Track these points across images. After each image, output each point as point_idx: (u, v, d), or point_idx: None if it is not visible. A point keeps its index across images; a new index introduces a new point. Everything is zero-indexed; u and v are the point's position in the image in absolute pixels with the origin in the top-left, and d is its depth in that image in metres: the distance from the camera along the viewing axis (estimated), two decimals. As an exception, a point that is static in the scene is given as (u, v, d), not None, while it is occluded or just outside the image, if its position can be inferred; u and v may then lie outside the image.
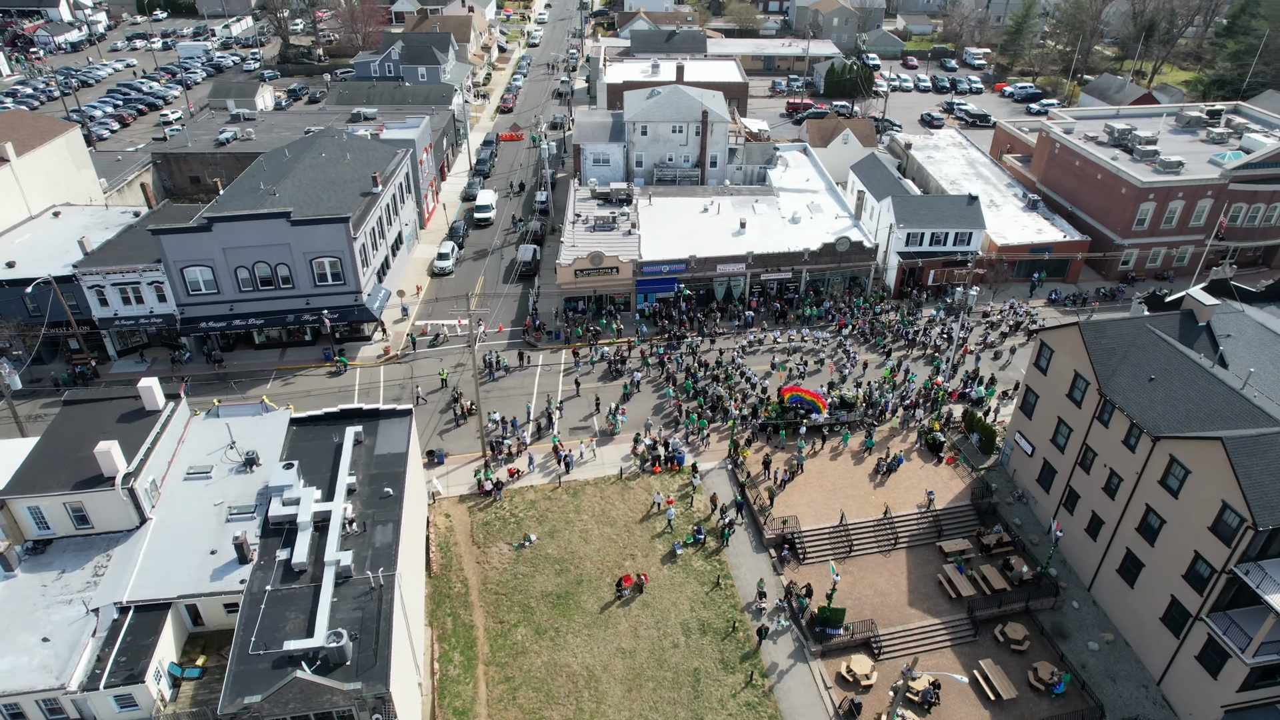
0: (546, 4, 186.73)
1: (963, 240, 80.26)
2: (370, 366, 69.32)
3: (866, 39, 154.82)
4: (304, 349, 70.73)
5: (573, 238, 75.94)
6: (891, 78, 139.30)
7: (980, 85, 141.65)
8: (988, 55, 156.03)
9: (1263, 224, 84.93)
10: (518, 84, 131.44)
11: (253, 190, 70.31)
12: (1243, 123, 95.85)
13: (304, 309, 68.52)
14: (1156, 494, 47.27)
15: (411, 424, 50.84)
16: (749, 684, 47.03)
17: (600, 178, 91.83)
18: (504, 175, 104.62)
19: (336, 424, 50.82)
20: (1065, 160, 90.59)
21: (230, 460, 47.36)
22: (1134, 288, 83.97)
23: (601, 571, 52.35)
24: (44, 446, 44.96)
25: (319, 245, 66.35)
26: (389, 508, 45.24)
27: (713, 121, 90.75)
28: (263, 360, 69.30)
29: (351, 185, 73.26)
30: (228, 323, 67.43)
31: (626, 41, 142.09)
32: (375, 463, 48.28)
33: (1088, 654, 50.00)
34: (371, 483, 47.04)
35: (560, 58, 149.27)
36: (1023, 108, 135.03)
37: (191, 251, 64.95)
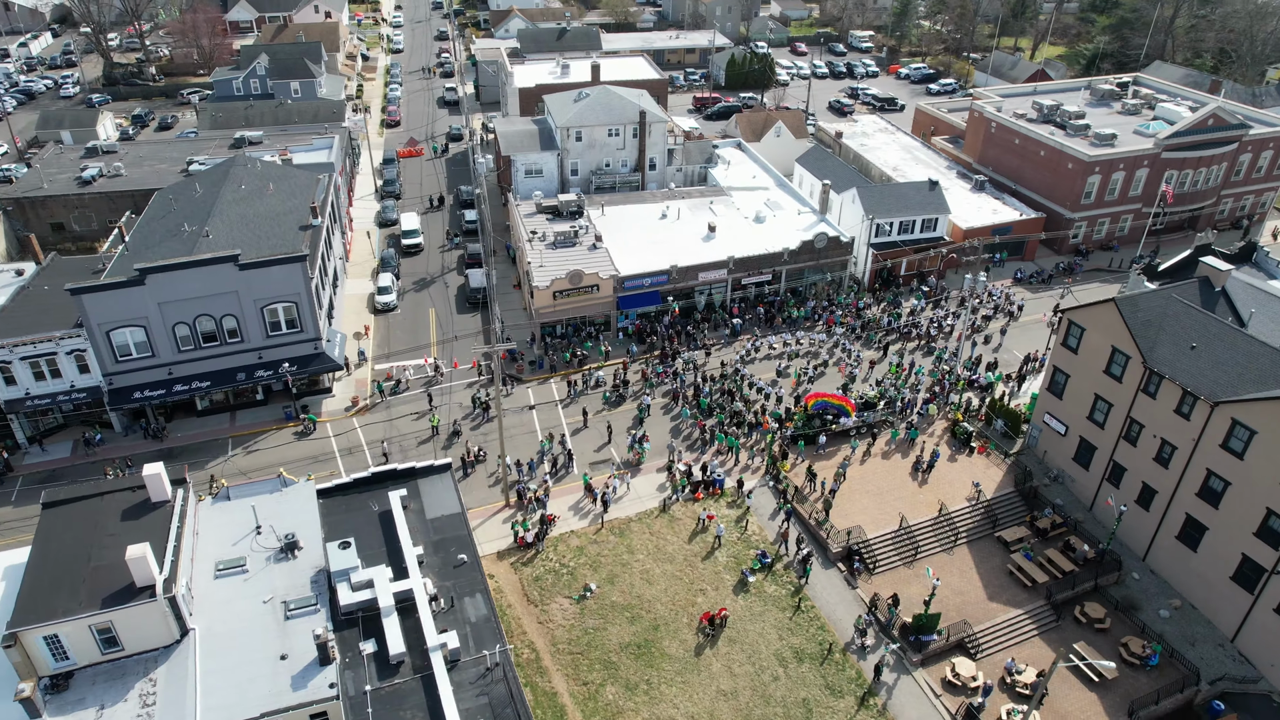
0: (397, 6, 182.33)
1: (929, 227, 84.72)
2: (341, 420, 65.61)
3: (751, 27, 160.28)
4: (257, 410, 66.16)
5: (540, 257, 74.75)
6: (789, 65, 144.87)
7: (876, 69, 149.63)
8: (874, 38, 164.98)
9: (1190, 189, 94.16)
10: (396, 94, 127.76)
11: (173, 233, 65.22)
12: (1150, 93, 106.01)
13: (257, 364, 64.17)
14: (1219, 457, 51.61)
15: (455, 479, 48.71)
16: (862, 705, 47.84)
17: (534, 190, 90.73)
18: (414, 194, 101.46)
19: (370, 489, 48.13)
20: (1003, 139, 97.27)
21: (262, 547, 43.82)
22: (1088, 260, 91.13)
23: (675, 612, 51.92)
24: (40, 560, 40.09)
25: (272, 290, 62.36)
26: (469, 576, 43.27)
27: (651, 122, 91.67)
28: (211, 428, 64.30)
29: (286, 218, 69.25)
30: (167, 390, 62.21)
31: (505, 42, 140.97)
32: (432, 528, 46.05)
33: (1162, 622, 53.98)
34: (436, 550, 44.83)
35: (433, 63, 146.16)
36: (921, 89, 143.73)
37: (119, 310, 59.52)
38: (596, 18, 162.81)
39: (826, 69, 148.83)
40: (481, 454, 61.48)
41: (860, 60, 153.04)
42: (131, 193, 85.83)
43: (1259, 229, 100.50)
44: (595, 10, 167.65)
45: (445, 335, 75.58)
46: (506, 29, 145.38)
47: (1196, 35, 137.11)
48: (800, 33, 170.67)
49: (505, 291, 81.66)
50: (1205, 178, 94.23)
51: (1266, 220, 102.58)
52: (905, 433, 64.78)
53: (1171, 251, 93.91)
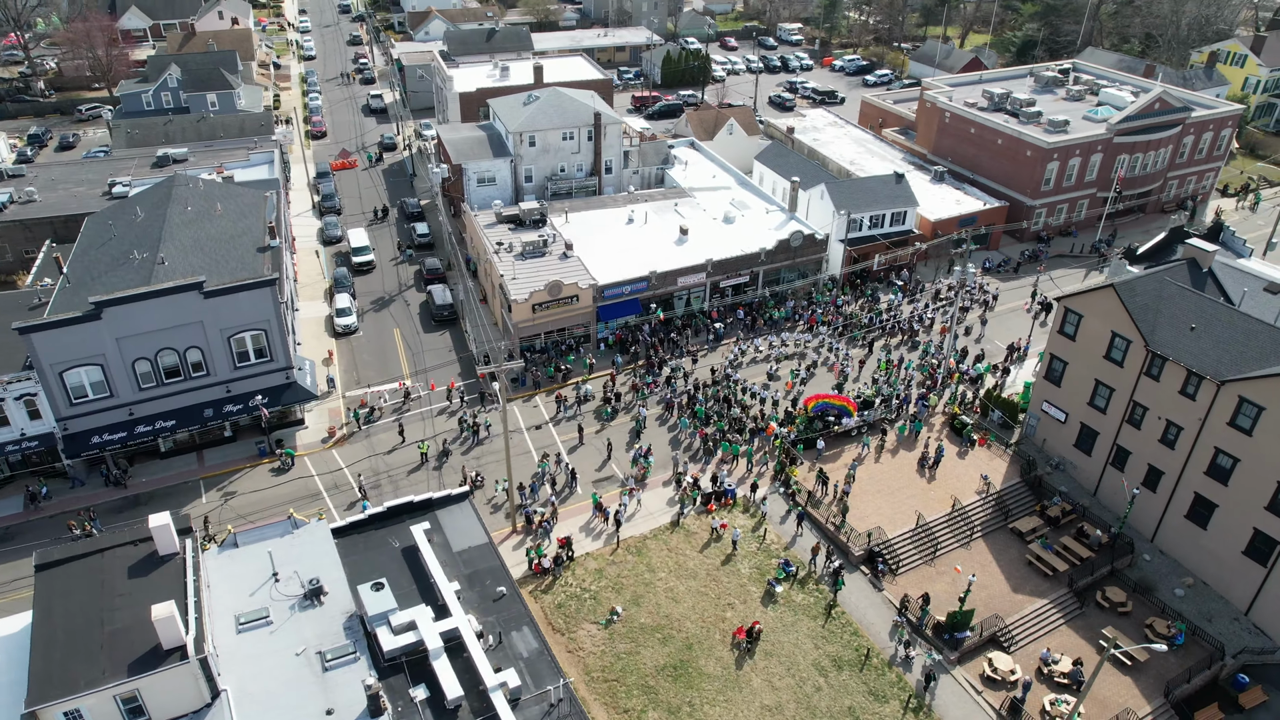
0: (301, 10, 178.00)
1: (899, 220, 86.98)
2: (319, 454, 63.71)
3: (679, 22, 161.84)
4: (226, 449, 63.76)
5: (512, 269, 73.99)
6: (723, 61, 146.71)
7: (810, 62, 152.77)
8: (802, 30, 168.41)
9: (1140, 173, 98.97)
10: (317, 104, 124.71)
11: (121, 261, 62.40)
12: (1090, 79, 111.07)
13: (225, 399, 61.88)
14: (1227, 435, 54.40)
15: (475, 508, 47.91)
16: (907, 708, 48.77)
17: (487, 199, 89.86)
18: (354, 208, 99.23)
19: (387, 525, 47.02)
20: (958, 129, 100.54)
21: (284, 596, 42.31)
22: (1049, 246, 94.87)
23: (707, 629, 52.10)
24: (46, 628, 37.88)
25: (240, 317, 60.25)
26: (512, 608, 42.62)
27: (606, 124, 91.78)
28: (178, 470, 61.70)
29: (241, 240, 67.00)
30: (128, 433, 59.47)
31: (427, 45, 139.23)
32: (461, 561, 45.16)
33: (1177, 601, 56.61)
34: (471, 584, 44.00)
35: (351, 69, 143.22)
36: (857, 81, 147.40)
37: (74, 349, 56.64)
38: (517, 17, 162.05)
39: (761, 63, 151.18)
40: (479, 479, 60.50)
41: (794, 54, 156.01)
42: (49, 219, 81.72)
43: (1203, 209, 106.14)
44: (513, 10, 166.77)
45: (416, 356, 74.05)
46: (426, 31, 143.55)
47: (1123, 21, 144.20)
48: (726, 27, 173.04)
49: (471, 307, 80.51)
50: (1153, 161, 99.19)
51: (1209, 200, 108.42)
52: (911, 426, 66.23)
53: (1128, 234, 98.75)
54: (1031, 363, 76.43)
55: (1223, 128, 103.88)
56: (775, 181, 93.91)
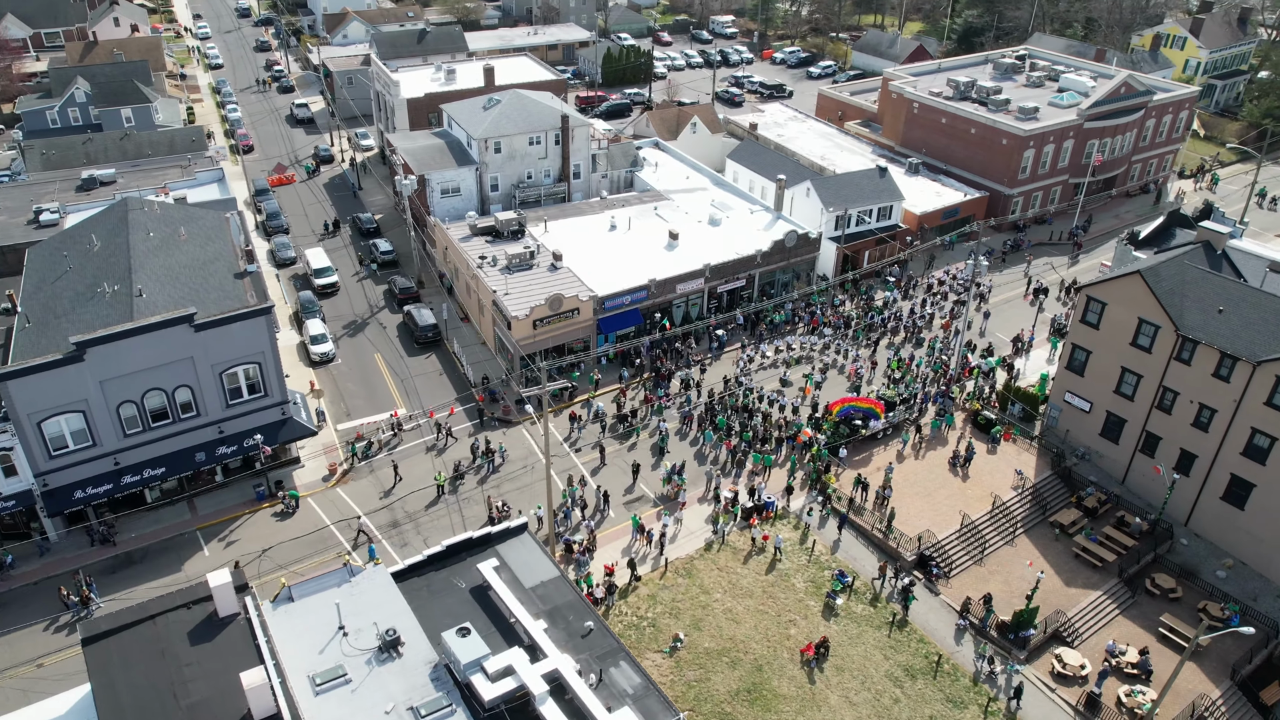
0: (196, 15, 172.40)
1: (885, 215, 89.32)
2: (323, 493, 61.95)
3: (609, 18, 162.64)
4: (219, 494, 61.50)
5: (505, 284, 73.27)
6: (662, 57, 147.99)
7: (750, 55, 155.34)
8: (736, 22, 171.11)
9: (1108, 157, 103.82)
10: (237, 116, 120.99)
11: (89, 296, 59.63)
12: (1047, 65, 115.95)
13: (218, 440, 59.70)
14: (1264, 415, 57.64)
15: (536, 539, 47.37)
16: (986, 713, 50.15)
17: (452, 211, 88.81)
18: (301, 227, 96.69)
19: (448, 564, 45.98)
20: (928, 120, 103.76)
21: (357, 650, 41.01)
22: (1028, 234, 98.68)
23: (773, 649, 52.65)
24: (113, 709, 35.88)
25: (233, 350, 58.28)
26: (603, 643, 42.31)
27: (574, 126, 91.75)
28: (170, 522, 59.25)
29: (215, 266, 64.83)
30: (114, 484, 56.88)
31: (347, 48, 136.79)
32: (538, 596, 44.54)
33: (1220, 583, 59.52)
34: (553, 621, 43.41)
35: (265, 77, 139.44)
36: (800, 73, 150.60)
37: (54, 395, 53.89)
38: (435, 16, 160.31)
39: (700, 58, 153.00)
40: (505, 508, 59.71)
41: (732, 47, 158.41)
42: (-31, 253, 77.17)
43: (1165, 191, 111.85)
44: (430, 8, 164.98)
45: (404, 382, 72.63)
46: (345, 34, 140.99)
47: (1064, 5, 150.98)
48: (656, 21, 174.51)
49: (454, 326, 79.41)
50: (1120, 145, 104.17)
51: (1169, 183, 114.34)
52: (944, 420, 68.16)
53: (1101, 219, 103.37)
54: (1038, 353, 79.32)
55: (1180, 110, 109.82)
56: (753, 180, 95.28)
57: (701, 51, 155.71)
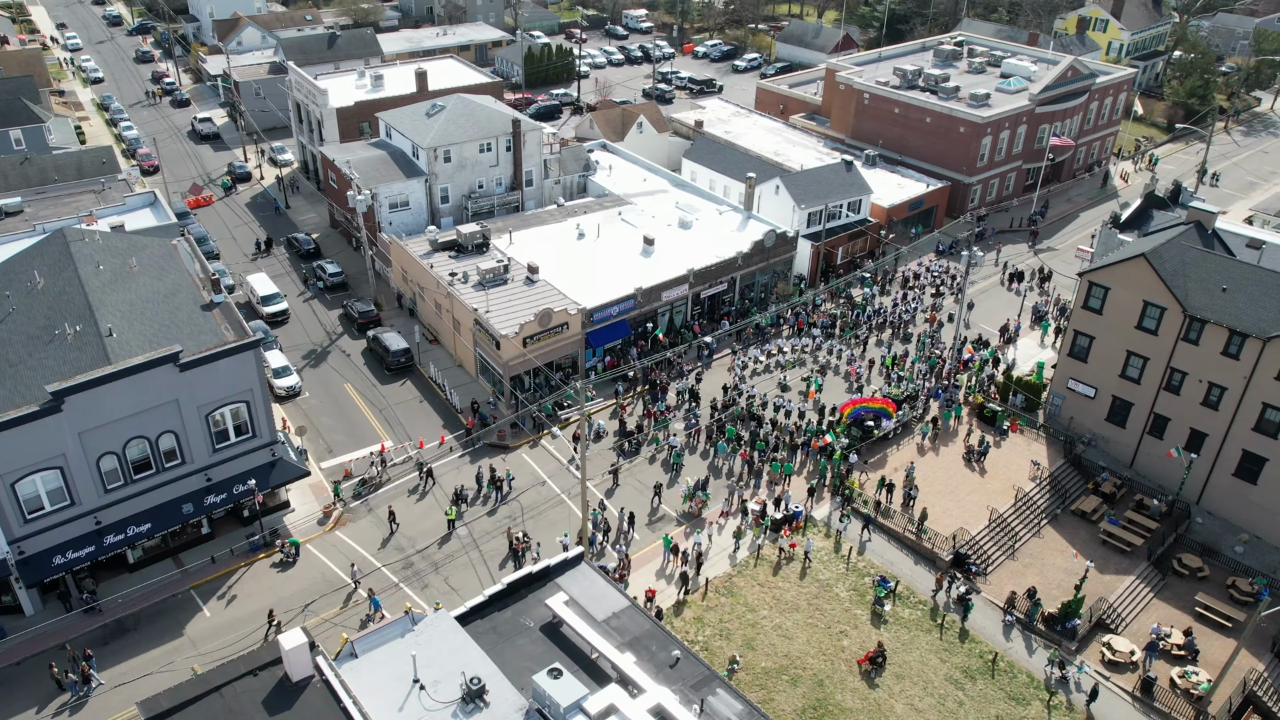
0: (60, 24, 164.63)
1: (855, 209, 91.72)
2: (322, 538, 60.25)
3: (519, 15, 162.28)
4: (206, 547, 59.31)
5: (485, 302, 72.55)
6: (582, 55, 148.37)
7: (671, 50, 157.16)
8: (651, 16, 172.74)
9: (1049, 143, 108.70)
10: (133, 134, 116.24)
11: (45, 339, 56.68)
12: (985, 51, 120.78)
13: (205, 488, 57.48)
14: (1275, 390, 61.48)
15: (595, 567, 47.28)
16: (1049, 707, 52.16)
17: (402, 226, 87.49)
18: (229, 250, 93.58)
19: (509, 604, 45.40)
20: (880, 110, 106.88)
21: (440, 703, 40.20)
22: (989, 222, 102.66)
23: (830, 662, 53.69)
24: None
25: (219, 390, 56.29)
26: (694, 671, 42.50)
27: (525, 131, 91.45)
28: (158, 582, 56.69)
29: (179, 298, 62.49)
30: (96, 546, 54.25)
31: (245, 58, 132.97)
32: (614, 629, 44.39)
33: (1239, 558, 63.14)
34: (636, 653, 43.35)
35: (154, 89, 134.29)
36: (725, 67, 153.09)
37: (29, 451, 51.11)
38: (331, 18, 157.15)
39: (621, 55, 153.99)
40: (525, 539, 59.12)
41: (653, 42, 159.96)
42: None
43: (1111, 174, 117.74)
44: (326, 8, 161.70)
45: (384, 413, 71.15)
46: (239, 41, 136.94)
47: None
48: (566, 17, 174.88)
49: (424, 349, 78.12)
50: (1067, 129, 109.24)
51: (1111, 165, 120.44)
52: (951, 413, 70.64)
53: (1055, 204, 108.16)
54: (1027, 341, 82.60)
55: (1119, 92, 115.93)
56: (714, 179, 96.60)
57: (621, 48, 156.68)
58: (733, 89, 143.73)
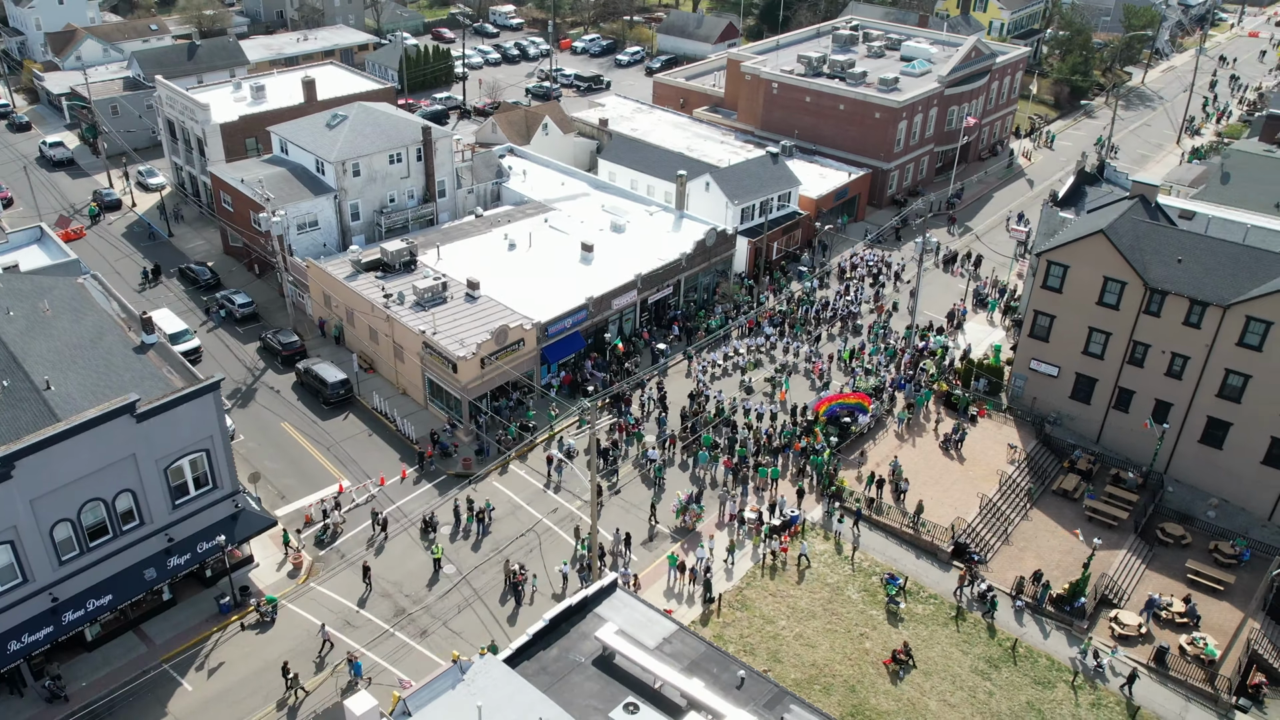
0: None
1: (785, 202, 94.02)
2: (296, 592, 58.15)
3: (382, 16, 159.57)
4: (169, 615, 56.61)
5: (431, 324, 71.31)
6: (458, 55, 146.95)
7: (547, 47, 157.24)
8: (519, 12, 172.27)
9: (957, 125, 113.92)
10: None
11: (-33, 400, 52.92)
12: (882, 34, 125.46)
13: (167, 550, 54.73)
14: (1236, 355, 66.24)
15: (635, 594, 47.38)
16: (1074, 687, 54.99)
17: (312, 247, 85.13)
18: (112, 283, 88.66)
19: (554, 641, 44.97)
20: (790, 99, 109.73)
21: (506, 751, 39.53)
22: (911, 207, 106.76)
23: (858, 667, 55.23)
24: None
25: (179, 440, 53.78)
26: (762, 688, 43.14)
27: (436, 138, 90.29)
28: (126, 660, 53.81)
29: (106, 341, 59.38)
30: (54, 625, 50.97)
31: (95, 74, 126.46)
32: (669, 654, 44.60)
33: (1213, 522, 67.85)
34: (700, 677, 43.66)
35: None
36: (607, 61, 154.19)
37: (-25, 526, 47.60)
38: (175, 27, 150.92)
39: (498, 54, 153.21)
40: (523, 571, 58.46)
41: (528, 39, 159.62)
42: None
43: (1014, 153, 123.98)
44: (170, 19, 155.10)
45: (332, 450, 69.09)
46: (78, 55, 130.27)
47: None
48: (430, 16, 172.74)
49: (360, 379, 76.18)
50: (973, 110, 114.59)
51: (1009, 143, 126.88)
52: (920, 402, 73.86)
53: (970, 185, 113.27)
54: (974, 325, 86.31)
55: (1016, 71, 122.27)
56: (635, 179, 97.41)
57: (497, 46, 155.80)
58: (620, 84, 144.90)
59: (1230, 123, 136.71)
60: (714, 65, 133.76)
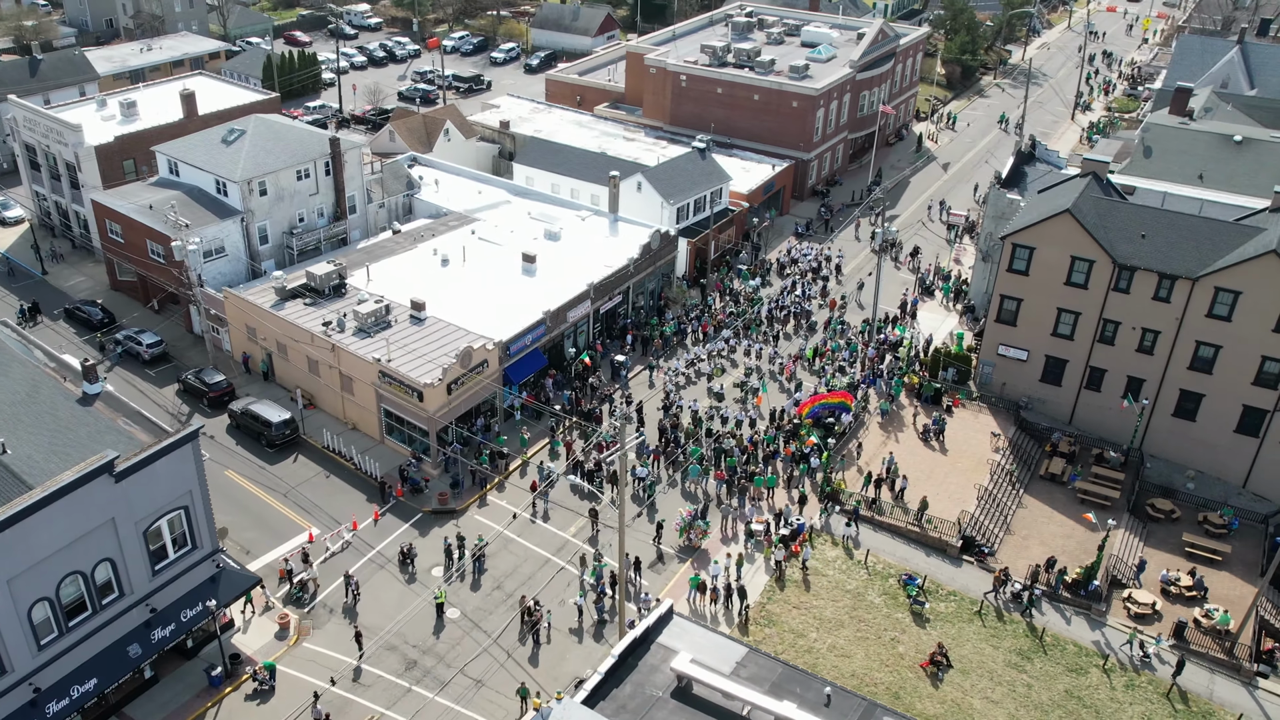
0: None
1: (716, 199, 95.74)
2: (292, 654, 56.24)
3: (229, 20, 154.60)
4: (155, 693, 53.99)
5: (385, 351, 69.90)
6: (321, 60, 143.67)
7: (415, 47, 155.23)
8: (378, 10, 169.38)
9: (871, 109, 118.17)
10: None
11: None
12: (778, 19, 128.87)
13: (150, 621, 52.17)
14: (1206, 327, 70.93)
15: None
16: (1105, 670, 58.12)
17: (220, 276, 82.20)
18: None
19: (624, 675, 45.05)
20: (701, 92, 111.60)
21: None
22: (831, 198, 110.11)
23: (896, 673, 56.98)
24: None
25: (159, 498, 51.42)
26: (852, 704, 44.23)
27: (346, 150, 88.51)
28: (110, 751, 50.81)
29: (45, 396, 56.12)
30: (40, 719, 47.80)
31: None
32: (748, 678, 45.24)
33: (1193, 494, 72.60)
34: (786, 697, 44.48)
35: None
36: (481, 60, 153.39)
37: (-54, 617, 44.50)
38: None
39: (363, 56, 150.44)
40: (538, 607, 57.99)
41: (394, 39, 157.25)
42: None
43: (921, 136, 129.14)
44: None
45: (290, 495, 66.95)
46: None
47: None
48: (281, 18, 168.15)
49: (303, 415, 74.01)
50: (881, 94, 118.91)
51: (912, 126, 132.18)
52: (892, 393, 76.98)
53: (890, 174, 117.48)
54: (926, 313, 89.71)
55: (917, 53, 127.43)
56: (556, 182, 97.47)
57: (360, 48, 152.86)
58: (500, 84, 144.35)
59: (1117, 96, 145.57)
60: (603, 59, 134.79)
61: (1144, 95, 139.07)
